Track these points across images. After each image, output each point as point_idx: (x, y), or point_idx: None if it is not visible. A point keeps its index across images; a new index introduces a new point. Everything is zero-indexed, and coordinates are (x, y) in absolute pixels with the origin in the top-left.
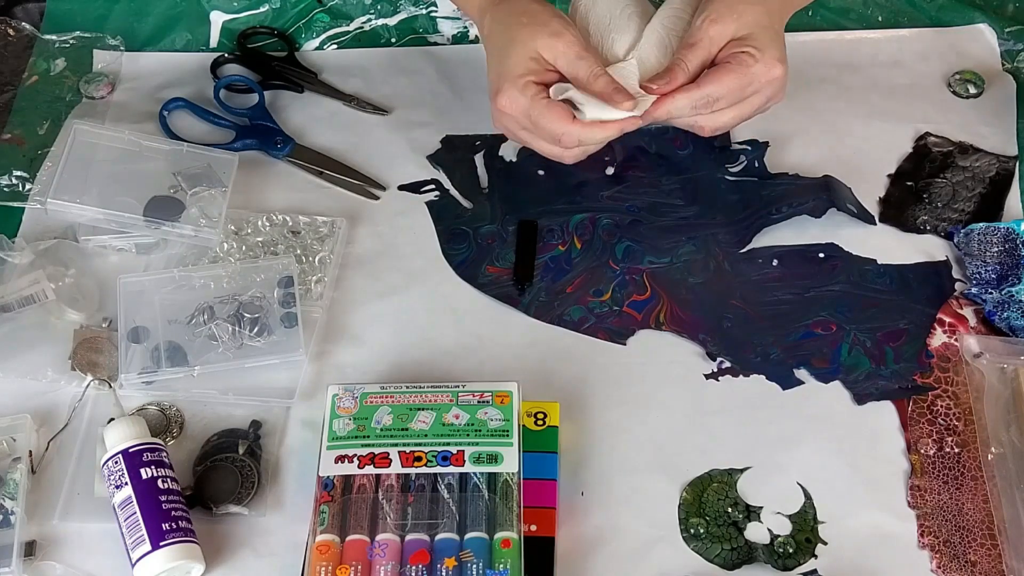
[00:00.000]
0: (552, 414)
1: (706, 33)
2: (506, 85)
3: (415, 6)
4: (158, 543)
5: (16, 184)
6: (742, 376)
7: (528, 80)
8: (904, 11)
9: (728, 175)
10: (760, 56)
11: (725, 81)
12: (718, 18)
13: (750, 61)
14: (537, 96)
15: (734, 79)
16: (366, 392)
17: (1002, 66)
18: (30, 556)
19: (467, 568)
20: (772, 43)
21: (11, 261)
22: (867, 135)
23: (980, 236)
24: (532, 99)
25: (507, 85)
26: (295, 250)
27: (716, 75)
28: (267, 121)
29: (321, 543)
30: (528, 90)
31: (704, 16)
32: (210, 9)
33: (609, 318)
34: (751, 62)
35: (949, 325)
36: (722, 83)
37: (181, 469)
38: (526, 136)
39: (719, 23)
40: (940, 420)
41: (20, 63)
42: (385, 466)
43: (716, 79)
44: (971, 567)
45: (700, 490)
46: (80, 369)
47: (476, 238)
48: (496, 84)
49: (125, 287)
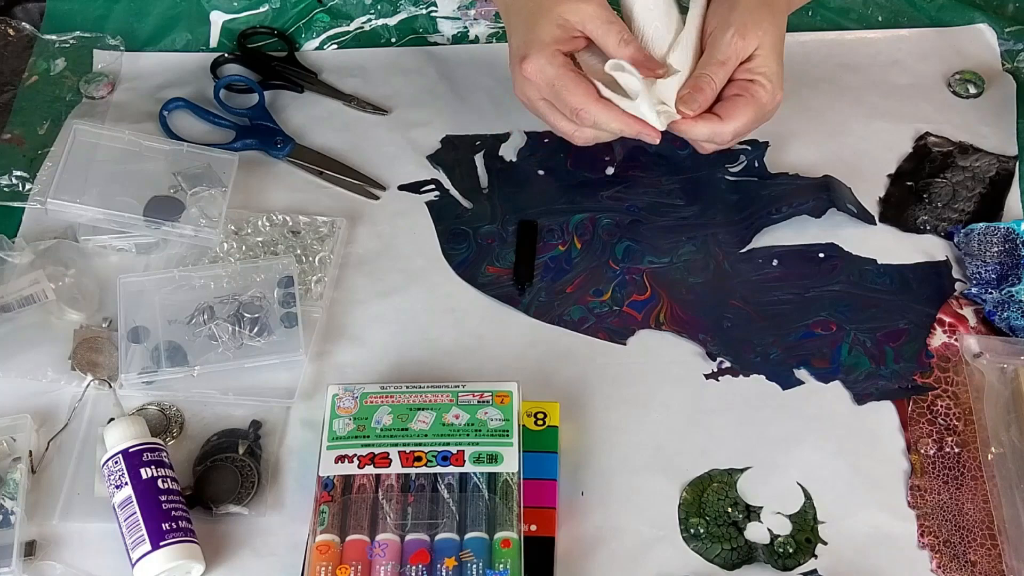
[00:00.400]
0: (552, 414)
1: (734, 51)
2: (534, 52)
3: (415, 6)
4: (158, 543)
5: (16, 184)
6: (742, 376)
7: (556, 49)
8: (904, 11)
9: (728, 175)
10: (769, 87)
11: (744, 115)
12: (745, 33)
13: (762, 94)
14: (565, 67)
15: (751, 112)
16: (366, 392)
17: (1002, 66)
18: (30, 556)
19: (467, 568)
20: (779, 67)
21: (11, 261)
22: (867, 135)
23: (980, 236)
24: (559, 69)
25: (535, 52)
26: (295, 250)
27: (737, 110)
28: (267, 121)
29: (321, 543)
30: (556, 59)
31: (732, 31)
32: (210, 9)
33: (609, 318)
34: (763, 94)
35: (949, 325)
36: (742, 118)
37: (181, 469)
38: (543, 107)
39: (746, 39)
40: (940, 420)
41: (20, 63)
42: (385, 466)
43: (737, 114)
44: (971, 567)
45: (700, 490)
46: (80, 369)
47: (476, 238)
48: (523, 50)
49: (125, 287)
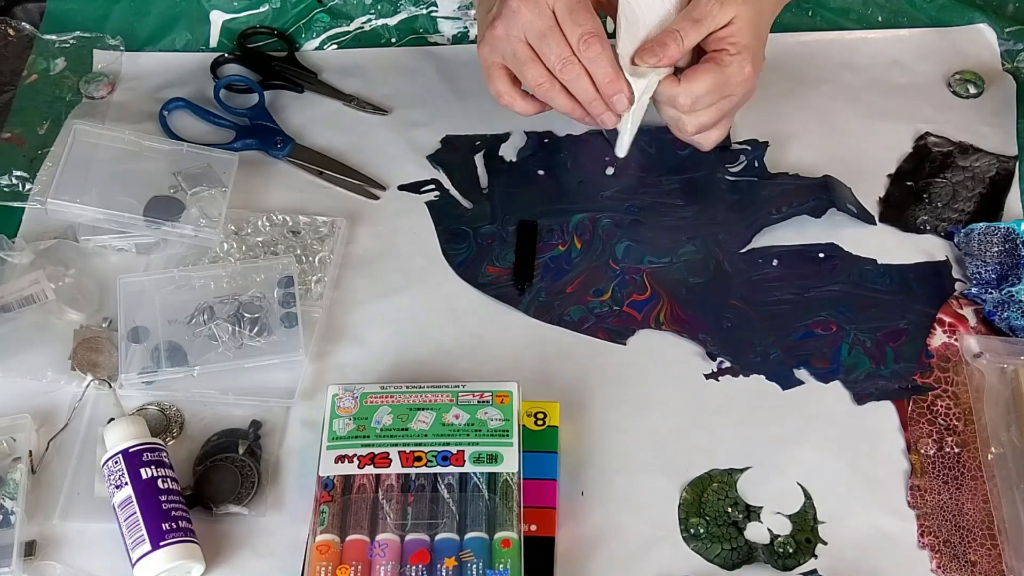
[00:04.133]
0: (552, 414)
1: (710, 12)
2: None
3: (415, 6)
4: (158, 543)
5: (16, 184)
6: (742, 376)
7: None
8: (904, 11)
9: (728, 175)
10: (738, 57)
11: (704, 81)
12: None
13: (728, 61)
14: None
15: (712, 78)
16: (366, 392)
17: (1002, 66)
18: (30, 556)
19: (467, 568)
20: (753, 42)
21: (11, 261)
22: (867, 135)
23: (980, 236)
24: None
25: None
26: (295, 250)
27: (696, 74)
28: (267, 121)
29: (321, 543)
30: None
31: None
32: (210, 9)
33: (609, 318)
34: (729, 63)
35: (949, 325)
36: (701, 84)
37: (181, 469)
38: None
39: (724, 5)
40: (940, 420)
41: (20, 63)
42: (385, 466)
43: (696, 78)
44: (971, 567)
45: (700, 490)
46: (80, 369)
47: (476, 238)
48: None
49: (125, 287)
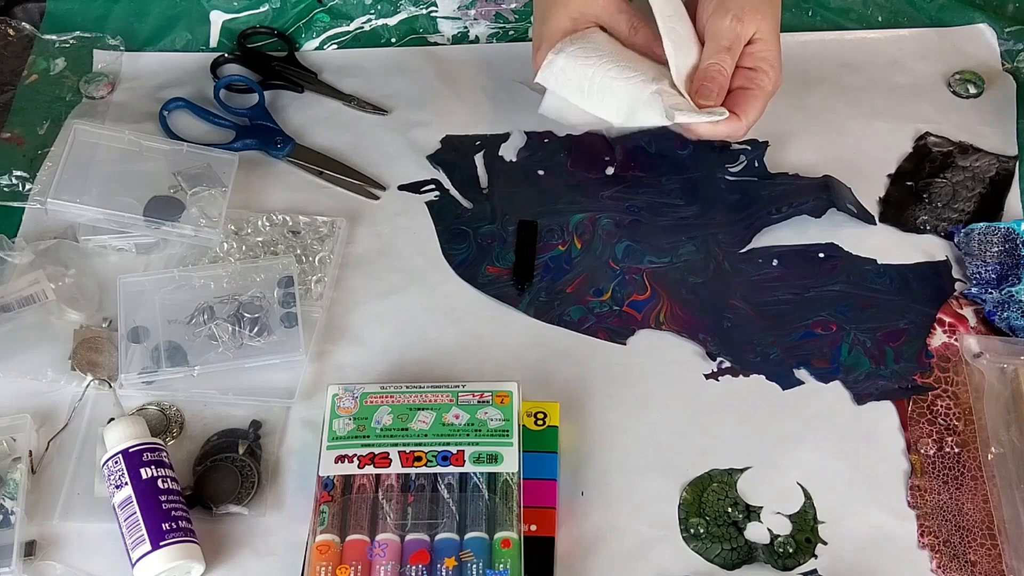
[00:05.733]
0: (552, 414)
1: (736, 36)
2: (544, 46)
3: (415, 6)
4: (158, 543)
5: (16, 184)
6: (742, 376)
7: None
8: (904, 11)
9: (728, 175)
10: (772, 73)
11: (757, 108)
12: (743, 17)
13: (766, 82)
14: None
15: (762, 103)
16: (366, 392)
17: (1002, 66)
18: (30, 556)
19: (467, 568)
20: (779, 51)
21: (11, 261)
22: (867, 135)
23: (980, 236)
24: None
25: (544, 46)
26: (295, 250)
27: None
28: (267, 121)
29: (321, 543)
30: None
31: (731, 16)
32: (210, 9)
33: (609, 318)
34: (767, 82)
35: (949, 325)
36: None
37: (181, 469)
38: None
39: (744, 23)
40: (940, 420)
41: (20, 63)
42: (385, 466)
43: (751, 109)
44: (971, 567)
45: (700, 490)
46: (80, 369)
47: (476, 238)
48: (536, 43)
49: (125, 287)
